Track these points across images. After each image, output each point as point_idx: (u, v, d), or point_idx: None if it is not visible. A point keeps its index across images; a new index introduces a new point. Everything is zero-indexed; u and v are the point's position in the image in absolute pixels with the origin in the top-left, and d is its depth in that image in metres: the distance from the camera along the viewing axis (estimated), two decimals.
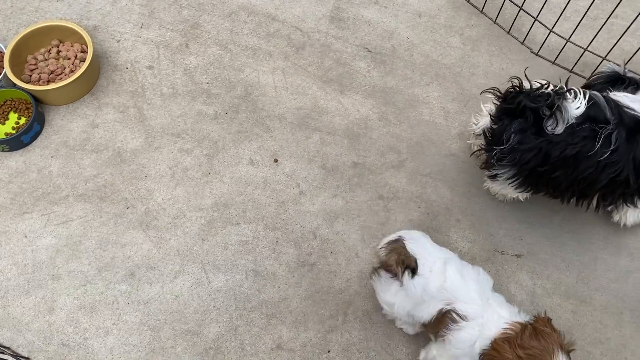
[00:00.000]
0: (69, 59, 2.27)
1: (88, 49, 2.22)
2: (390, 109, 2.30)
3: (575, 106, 1.71)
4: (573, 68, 2.34)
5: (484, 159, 1.95)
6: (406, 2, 2.53)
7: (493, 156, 1.80)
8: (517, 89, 1.77)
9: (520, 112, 1.73)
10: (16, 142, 2.13)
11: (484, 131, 1.91)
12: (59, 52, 2.29)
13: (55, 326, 1.88)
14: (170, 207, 2.07)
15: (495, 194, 2.08)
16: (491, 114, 1.86)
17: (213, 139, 2.20)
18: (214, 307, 1.92)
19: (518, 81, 1.78)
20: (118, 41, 2.39)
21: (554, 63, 2.38)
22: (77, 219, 2.04)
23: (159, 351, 1.85)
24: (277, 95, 2.30)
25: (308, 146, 2.21)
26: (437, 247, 1.73)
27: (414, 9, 2.52)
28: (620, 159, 1.72)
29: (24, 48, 2.26)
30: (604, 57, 2.28)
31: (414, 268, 1.62)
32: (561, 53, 2.35)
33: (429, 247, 1.70)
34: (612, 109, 1.73)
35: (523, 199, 1.99)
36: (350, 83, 2.35)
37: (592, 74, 2.18)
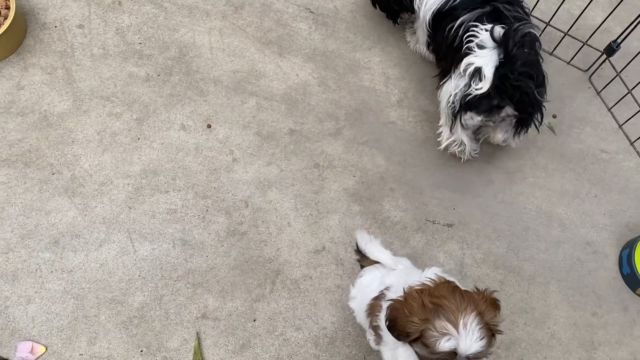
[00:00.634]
0: None
1: (11, 4, 2.10)
2: (330, 74, 2.23)
3: None
4: None
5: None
6: None
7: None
8: None
9: None
10: None
11: None
12: None
13: None
14: (97, 174, 2.01)
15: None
16: None
17: (144, 102, 2.13)
18: (139, 276, 1.89)
19: None
20: None
21: None
22: (0, 184, 1.98)
23: (82, 320, 1.83)
24: (213, 57, 2.22)
25: (243, 111, 2.15)
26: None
27: None
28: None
29: None
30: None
31: None
32: None
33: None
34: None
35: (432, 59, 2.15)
36: (290, 45, 2.27)
37: None
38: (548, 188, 2.11)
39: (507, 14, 1.80)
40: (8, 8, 2.16)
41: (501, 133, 1.98)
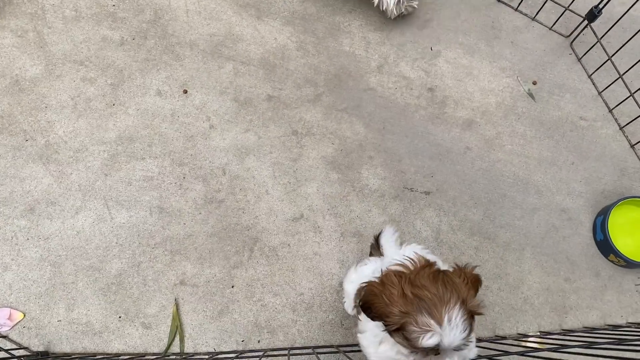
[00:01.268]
0: None
1: None
2: (310, 38, 2.19)
3: None
4: None
5: None
6: None
7: None
8: None
9: None
10: None
11: None
12: None
13: None
14: (71, 140, 1.98)
15: None
16: None
17: (118, 67, 2.08)
18: (116, 244, 1.89)
19: None
20: None
21: None
22: None
23: (59, 286, 1.84)
24: (189, 20, 2.16)
25: (220, 76, 2.11)
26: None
27: None
28: None
29: None
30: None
31: None
32: None
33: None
34: None
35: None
36: (269, 8, 2.22)
37: None
38: (526, 155, 2.12)
39: None
40: None
41: None
